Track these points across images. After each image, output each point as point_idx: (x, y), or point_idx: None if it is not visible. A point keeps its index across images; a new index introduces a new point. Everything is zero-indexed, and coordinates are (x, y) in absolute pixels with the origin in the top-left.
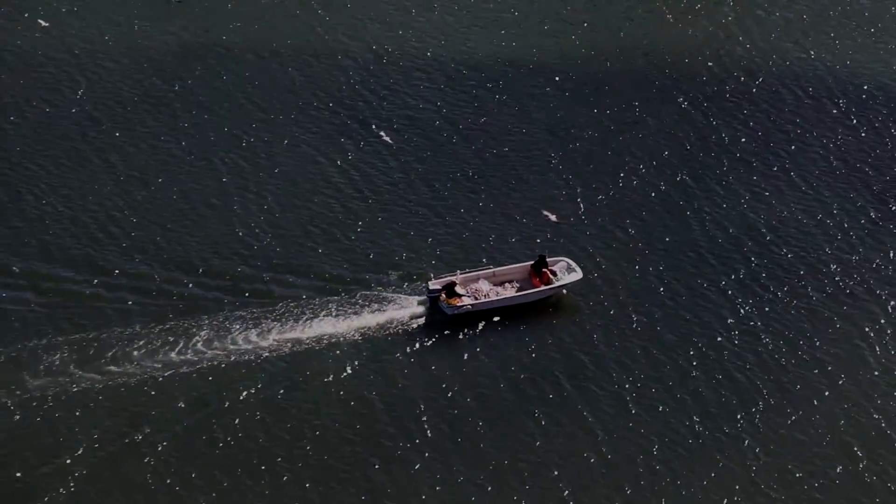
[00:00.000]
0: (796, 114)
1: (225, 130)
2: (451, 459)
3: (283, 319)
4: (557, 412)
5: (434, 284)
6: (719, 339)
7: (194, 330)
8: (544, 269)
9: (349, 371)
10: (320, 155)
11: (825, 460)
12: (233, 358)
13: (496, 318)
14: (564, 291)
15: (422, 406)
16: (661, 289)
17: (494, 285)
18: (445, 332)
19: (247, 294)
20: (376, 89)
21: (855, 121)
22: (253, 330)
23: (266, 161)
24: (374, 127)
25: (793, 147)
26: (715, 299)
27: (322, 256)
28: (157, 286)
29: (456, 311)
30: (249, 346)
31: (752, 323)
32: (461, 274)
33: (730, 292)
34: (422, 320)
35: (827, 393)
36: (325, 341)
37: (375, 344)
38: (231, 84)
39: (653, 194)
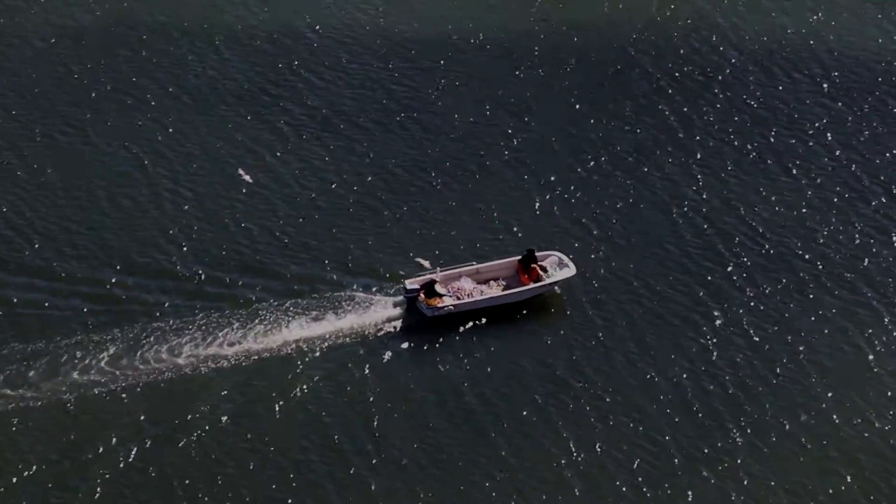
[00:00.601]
0: (786, 92)
1: (149, 116)
2: (412, 481)
3: (224, 327)
4: (531, 427)
5: (412, 283)
6: (705, 342)
7: (122, 341)
8: (533, 265)
9: (302, 385)
10: (256, 143)
11: (827, 475)
12: (166, 374)
13: (483, 320)
14: (556, 289)
15: (380, 421)
16: (643, 288)
17: (478, 283)
18: (421, 337)
19: (180, 298)
20: (316, 69)
21: (849, 99)
22: (188, 340)
23: (196, 150)
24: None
25: (783, 129)
26: (701, 298)
27: (264, 254)
28: (77, 290)
29: (436, 313)
30: (185, 360)
31: (742, 324)
32: (441, 271)
33: (717, 290)
34: (398, 324)
35: (827, 400)
36: (271, 352)
37: (333, 354)
38: (157, 66)
39: (629, 182)
